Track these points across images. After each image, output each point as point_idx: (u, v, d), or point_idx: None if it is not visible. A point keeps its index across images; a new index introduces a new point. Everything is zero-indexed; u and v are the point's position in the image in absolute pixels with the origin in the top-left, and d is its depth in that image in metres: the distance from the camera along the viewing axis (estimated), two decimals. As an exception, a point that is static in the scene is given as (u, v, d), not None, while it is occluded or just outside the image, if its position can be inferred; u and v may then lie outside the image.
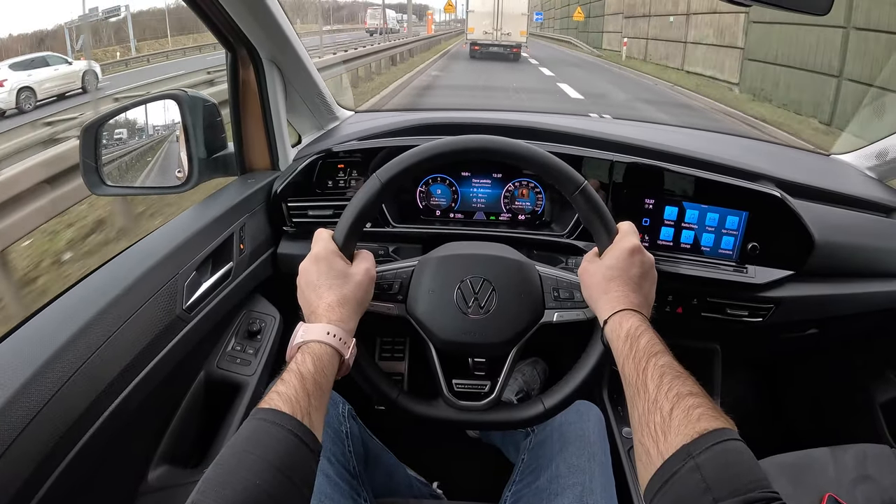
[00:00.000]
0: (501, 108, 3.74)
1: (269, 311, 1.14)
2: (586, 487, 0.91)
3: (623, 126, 1.61)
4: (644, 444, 0.59)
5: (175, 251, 0.92)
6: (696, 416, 0.57)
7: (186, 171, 1.09)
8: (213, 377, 1.04)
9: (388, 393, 0.86)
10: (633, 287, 0.77)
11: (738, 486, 0.50)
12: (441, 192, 1.20)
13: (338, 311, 0.74)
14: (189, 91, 1.09)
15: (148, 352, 0.83)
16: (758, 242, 1.09)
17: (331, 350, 0.70)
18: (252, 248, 1.10)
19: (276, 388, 0.63)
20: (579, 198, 0.82)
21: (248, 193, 1.11)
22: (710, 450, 0.53)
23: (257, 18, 1.05)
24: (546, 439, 1.02)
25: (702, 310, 1.11)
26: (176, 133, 1.10)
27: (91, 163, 1.05)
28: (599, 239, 0.83)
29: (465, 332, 0.84)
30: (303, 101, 1.30)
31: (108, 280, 0.83)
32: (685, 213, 1.10)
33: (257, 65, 1.14)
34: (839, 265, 1.14)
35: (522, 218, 1.20)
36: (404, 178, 0.83)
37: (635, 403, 0.64)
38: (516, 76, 15.23)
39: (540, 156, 0.83)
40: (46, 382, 0.67)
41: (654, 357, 0.66)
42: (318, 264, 0.78)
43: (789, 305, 1.11)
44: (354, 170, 1.17)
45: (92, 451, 0.72)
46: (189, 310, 0.92)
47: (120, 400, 0.77)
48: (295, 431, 0.59)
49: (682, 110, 10.67)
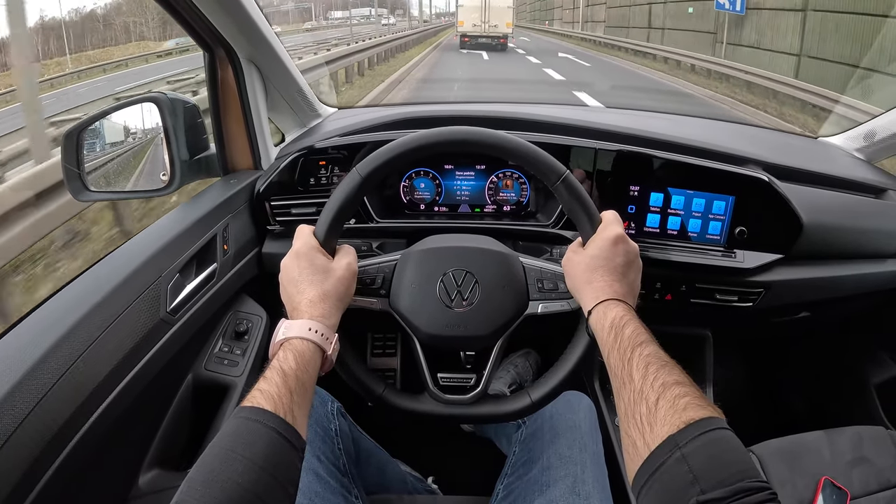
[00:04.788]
0: (486, 99, 3.73)
1: (256, 310, 1.13)
2: (578, 478, 0.91)
3: (608, 114, 1.61)
4: (630, 436, 0.58)
5: (157, 254, 0.92)
6: (682, 405, 0.56)
7: (169, 173, 1.09)
8: (201, 379, 1.04)
9: (373, 388, 0.86)
10: (617, 276, 0.76)
11: (725, 476, 0.49)
12: (425, 185, 1.19)
13: (319, 306, 0.74)
14: (169, 93, 1.09)
15: (133, 355, 0.83)
16: (745, 227, 1.08)
17: (313, 346, 0.70)
18: (236, 248, 1.10)
19: (259, 386, 0.63)
20: (561, 187, 0.82)
21: (230, 194, 1.11)
22: (696, 440, 0.52)
23: (233, 18, 1.05)
24: (537, 431, 1.02)
25: (691, 296, 1.11)
26: (160, 135, 1.10)
27: (73, 168, 1.04)
28: (583, 228, 0.82)
29: (449, 326, 0.84)
30: (283, 99, 1.30)
31: (91, 285, 0.83)
32: (671, 200, 1.09)
33: (235, 65, 1.13)
34: (828, 247, 1.13)
35: (507, 209, 1.20)
36: (384, 171, 0.83)
37: (621, 394, 0.64)
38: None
39: (520, 146, 0.83)
40: (31, 389, 0.66)
41: (639, 347, 0.65)
42: (300, 260, 0.77)
43: (779, 289, 1.11)
44: (337, 166, 1.16)
45: (80, 456, 0.72)
46: (173, 312, 0.91)
47: (106, 404, 0.77)
48: (278, 429, 0.59)
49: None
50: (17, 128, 6.15)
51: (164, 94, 1.08)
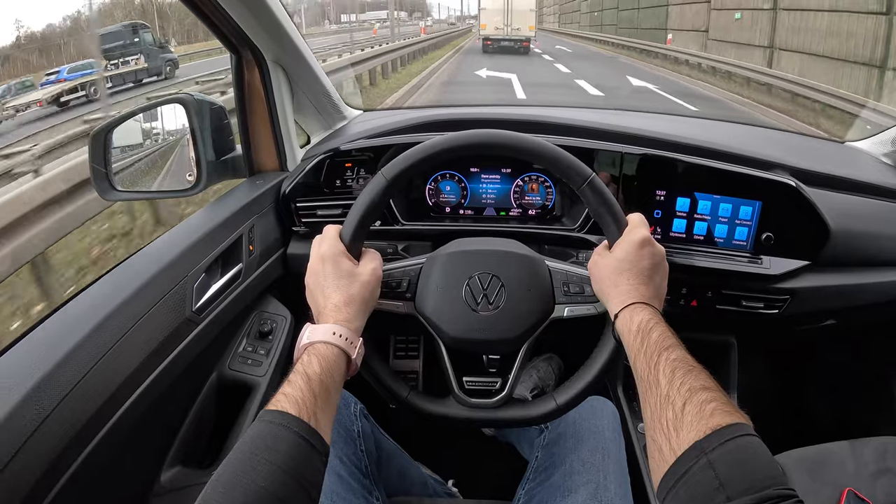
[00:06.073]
0: (510, 102, 3.73)
1: (280, 311, 1.14)
2: (601, 484, 0.90)
3: (633, 117, 1.59)
4: (656, 441, 0.58)
5: (183, 254, 0.93)
6: (709, 410, 0.56)
7: (195, 173, 1.10)
8: (224, 378, 1.05)
9: (398, 392, 0.86)
10: (643, 280, 0.76)
11: (752, 483, 0.49)
12: (450, 188, 1.19)
13: (344, 311, 0.74)
14: (196, 94, 1.10)
15: (158, 354, 0.83)
16: (772, 232, 1.07)
17: (337, 350, 0.70)
18: (262, 249, 1.10)
19: (283, 390, 0.63)
20: (587, 190, 0.81)
21: (256, 195, 1.12)
22: (723, 446, 0.52)
23: (260, 21, 1.05)
24: (560, 436, 1.01)
25: (716, 302, 1.09)
26: (186, 136, 1.11)
27: (101, 168, 1.05)
28: (609, 232, 0.82)
29: (474, 329, 0.84)
30: (310, 101, 1.30)
31: (118, 284, 0.84)
32: (697, 204, 1.08)
33: (262, 67, 1.14)
34: (855, 254, 1.12)
35: (533, 213, 1.19)
36: (410, 174, 0.83)
37: (647, 399, 0.63)
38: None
39: (547, 149, 0.82)
40: (57, 385, 0.67)
41: (665, 351, 0.65)
42: (325, 264, 0.77)
43: (805, 296, 1.09)
44: (362, 168, 1.17)
45: (104, 452, 0.73)
46: (199, 311, 0.92)
47: (131, 401, 0.78)
48: (301, 433, 0.59)
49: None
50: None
51: (191, 95, 1.09)
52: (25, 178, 3.87)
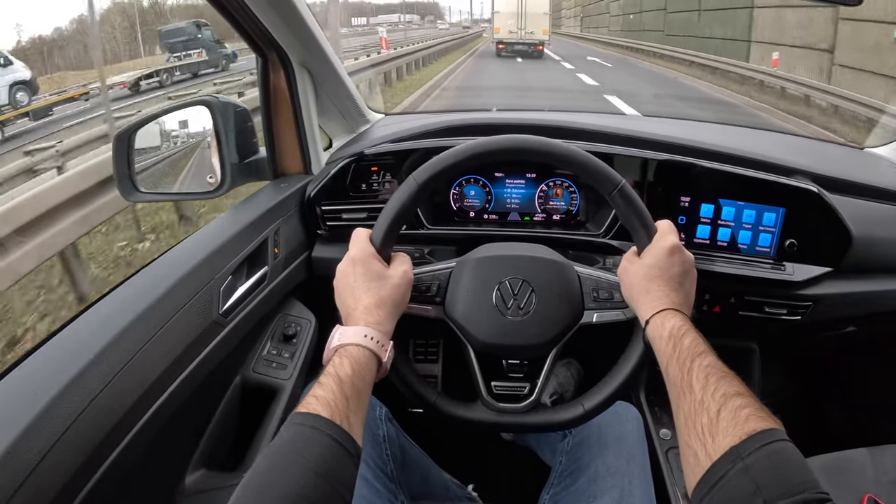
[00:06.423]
0: (533, 107, 3.71)
1: (305, 314, 1.14)
2: (625, 490, 0.90)
3: (656, 123, 1.59)
4: (691, 446, 0.58)
5: (210, 256, 0.93)
6: (743, 416, 0.56)
7: (219, 176, 1.10)
8: (249, 381, 1.04)
9: (426, 395, 0.86)
10: (673, 286, 0.76)
11: (788, 487, 0.49)
12: (475, 193, 1.19)
13: (375, 313, 0.74)
14: (220, 97, 1.11)
15: (185, 357, 0.83)
16: (795, 239, 1.07)
17: (368, 353, 0.70)
18: (287, 252, 1.11)
19: (314, 392, 0.63)
20: (618, 197, 0.81)
21: (281, 198, 1.12)
22: (759, 451, 0.52)
23: (287, 23, 1.06)
24: (584, 441, 1.01)
25: (739, 308, 1.10)
26: (208, 139, 1.11)
27: (124, 170, 1.06)
28: (639, 238, 0.82)
29: (504, 334, 0.84)
30: (333, 104, 1.30)
31: (145, 286, 0.84)
32: (721, 211, 1.08)
33: (288, 69, 1.14)
34: (877, 261, 1.12)
35: (557, 218, 1.19)
36: (440, 179, 0.83)
37: (681, 405, 0.63)
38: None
39: (577, 155, 0.82)
40: (84, 389, 0.67)
41: (698, 357, 0.65)
42: (356, 267, 0.77)
43: (827, 303, 1.09)
44: (387, 172, 1.17)
45: (130, 455, 0.73)
46: (225, 315, 0.92)
47: (158, 405, 0.78)
48: (334, 436, 0.59)
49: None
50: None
51: (216, 97, 1.10)
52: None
